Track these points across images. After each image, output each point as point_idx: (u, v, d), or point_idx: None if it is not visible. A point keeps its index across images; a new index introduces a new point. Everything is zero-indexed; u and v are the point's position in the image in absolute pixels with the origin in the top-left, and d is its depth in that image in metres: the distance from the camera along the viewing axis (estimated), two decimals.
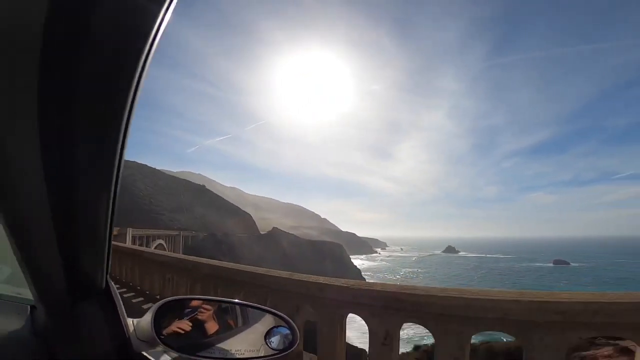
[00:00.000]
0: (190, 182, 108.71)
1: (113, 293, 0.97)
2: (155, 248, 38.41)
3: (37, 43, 0.42)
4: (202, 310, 1.04)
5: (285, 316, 1.10)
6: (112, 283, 0.97)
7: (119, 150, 0.61)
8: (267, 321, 1.11)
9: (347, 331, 3.43)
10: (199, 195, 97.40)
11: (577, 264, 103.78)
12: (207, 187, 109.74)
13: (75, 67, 0.48)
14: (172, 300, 1.04)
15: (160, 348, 0.95)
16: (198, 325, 1.02)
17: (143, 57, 0.49)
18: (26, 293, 0.96)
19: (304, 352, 3.57)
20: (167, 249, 49.29)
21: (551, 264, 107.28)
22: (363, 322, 3.06)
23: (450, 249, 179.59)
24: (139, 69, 0.50)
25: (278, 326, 1.09)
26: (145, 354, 0.98)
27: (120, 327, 0.97)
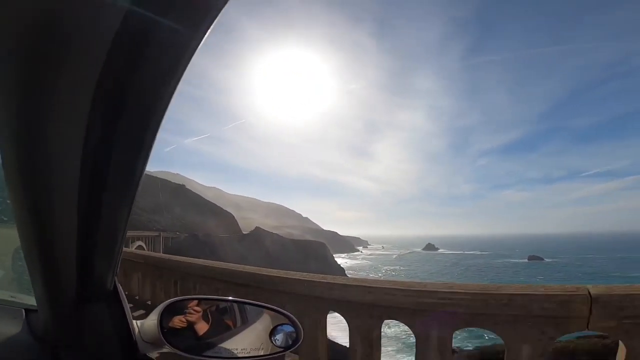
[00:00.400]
0: (169, 181, 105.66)
1: (120, 295, 0.98)
2: (135, 249, 37.10)
3: (101, 53, 0.46)
4: (206, 310, 1.04)
5: (289, 314, 1.11)
6: (119, 285, 0.98)
7: (144, 160, 0.65)
8: (269, 319, 1.11)
9: (335, 330, 3.42)
10: (178, 195, 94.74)
11: (550, 260, 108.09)
12: (187, 187, 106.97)
13: (125, 81, 0.52)
14: (176, 301, 1.05)
15: (166, 349, 0.95)
16: (203, 325, 1.02)
17: (177, 75, 0.53)
18: (19, 297, 0.96)
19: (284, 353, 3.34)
20: (147, 250, 47.72)
21: (526, 260, 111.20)
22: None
23: (430, 247, 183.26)
24: (171, 87, 0.55)
25: (282, 324, 1.09)
26: (151, 355, 0.98)
27: (126, 328, 0.97)
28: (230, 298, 1.20)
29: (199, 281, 4.67)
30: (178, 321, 0.99)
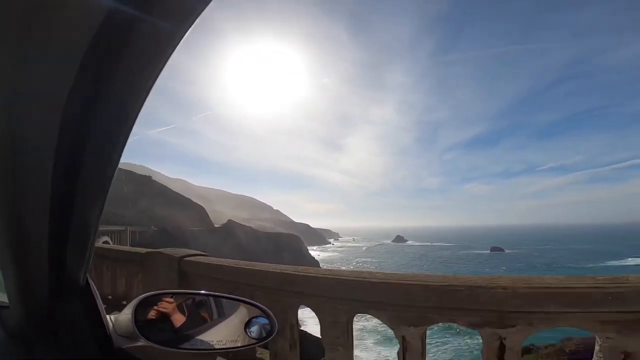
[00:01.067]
0: (134, 172, 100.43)
1: (93, 290, 0.98)
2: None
3: (78, 51, 0.45)
4: (181, 303, 1.06)
5: (263, 307, 1.14)
6: (92, 281, 0.98)
7: (117, 156, 0.65)
8: (245, 312, 1.14)
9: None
10: (144, 187, 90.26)
11: (510, 251, 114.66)
12: (153, 178, 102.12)
13: (103, 78, 0.51)
14: (151, 295, 1.05)
15: (141, 342, 0.95)
16: (178, 318, 1.03)
17: (155, 73, 0.53)
18: None
19: (256, 346, 3.15)
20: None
21: (488, 251, 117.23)
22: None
23: (399, 239, 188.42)
24: (149, 84, 0.54)
25: (257, 316, 1.12)
26: (126, 349, 0.98)
27: (100, 323, 0.97)
28: (205, 292, 1.20)
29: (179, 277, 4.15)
30: (153, 315, 1.00)
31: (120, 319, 0.99)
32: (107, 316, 1.00)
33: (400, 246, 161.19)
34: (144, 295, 1.01)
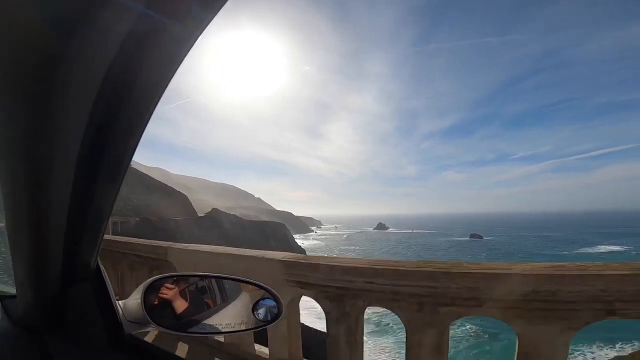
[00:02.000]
0: None
1: (104, 274, 0.98)
2: None
3: (107, 52, 0.48)
4: (187, 287, 1.05)
5: (270, 288, 1.12)
6: (102, 266, 0.98)
7: (132, 149, 0.69)
8: (251, 294, 1.13)
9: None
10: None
11: (489, 238, 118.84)
12: (132, 166, 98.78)
13: (125, 80, 0.55)
14: (159, 279, 1.03)
15: (150, 327, 0.94)
16: (185, 302, 1.02)
17: (172, 71, 0.56)
18: None
19: (254, 343, 3.22)
20: None
21: (468, 238, 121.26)
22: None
23: (381, 226, 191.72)
24: (163, 81, 0.57)
25: (264, 298, 1.11)
26: (136, 334, 0.99)
27: (111, 308, 0.97)
28: (213, 274, 1.16)
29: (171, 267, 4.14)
30: (161, 299, 0.98)
31: (129, 304, 0.98)
32: (117, 302, 1.00)
33: (383, 234, 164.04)
34: (152, 278, 0.99)
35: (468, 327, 26.42)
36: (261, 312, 1.08)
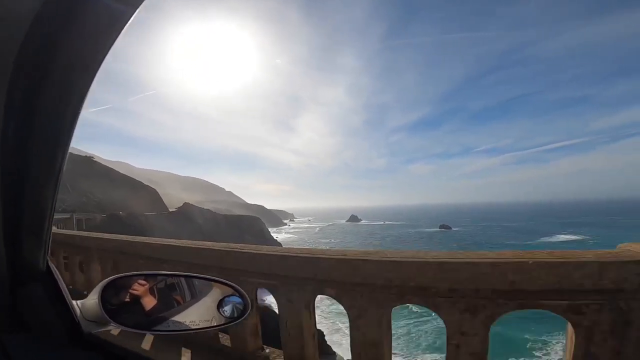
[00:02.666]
0: (71, 153, 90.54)
1: (55, 274, 0.96)
2: None
3: (19, 34, 0.44)
4: (153, 286, 1.04)
5: (236, 285, 1.12)
6: (53, 265, 0.96)
7: (66, 138, 0.65)
8: (217, 291, 1.12)
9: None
10: (85, 169, 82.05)
11: (457, 228, 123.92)
12: (95, 159, 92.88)
13: (46, 61, 0.50)
14: (117, 278, 1.01)
15: (111, 326, 0.93)
16: (150, 300, 1.01)
17: (97, 58, 0.51)
18: None
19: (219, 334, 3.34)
20: None
21: (437, 229, 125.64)
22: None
23: (353, 218, 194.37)
24: (91, 70, 0.53)
25: (229, 295, 1.11)
26: (96, 333, 0.97)
27: (66, 308, 0.94)
28: (176, 272, 1.15)
29: (139, 261, 4.19)
30: (123, 298, 0.98)
31: (87, 303, 0.95)
32: (74, 302, 0.97)
33: (356, 225, 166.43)
34: (110, 278, 0.98)
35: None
36: (227, 308, 1.08)
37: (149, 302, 1.00)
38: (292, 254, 2.61)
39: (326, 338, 22.44)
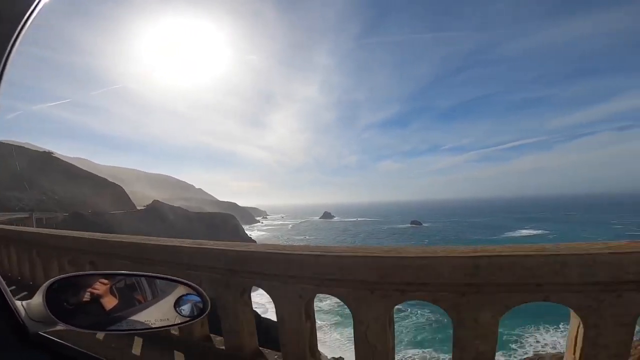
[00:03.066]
0: (28, 149, 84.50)
1: None
2: None
3: None
4: (104, 286, 1.02)
5: (194, 284, 1.12)
6: None
7: None
8: (176, 291, 1.12)
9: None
10: (43, 165, 76.70)
11: (427, 224, 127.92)
12: (55, 155, 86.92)
13: None
14: (64, 278, 0.99)
15: (60, 326, 0.91)
16: (101, 301, 0.99)
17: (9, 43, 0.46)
18: None
19: (210, 335, 3.29)
20: None
21: (409, 225, 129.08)
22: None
23: (327, 215, 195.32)
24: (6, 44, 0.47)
25: (187, 294, 1.11)
26: (43, 334, 0.95)
27: (8, 308, 0.92)
28: (129, 272, 1.13)
29: (95, 258, 4.09)
30: (71, 298, 0.96)
31: (32, 304, 0.93)
32: (19, 302, 0.95)
33: (329, 222, 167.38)
34: (56, 277, 0.95)
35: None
36: (185, 308, 1.09)
37: (109, 302, 0.99)
38: (288, 252, 2.49)
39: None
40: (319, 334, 2.73)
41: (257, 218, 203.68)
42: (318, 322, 2.79)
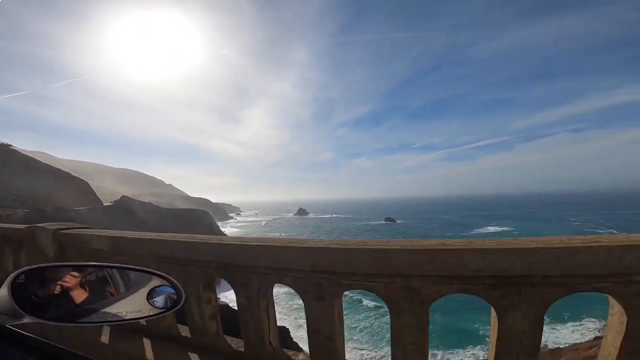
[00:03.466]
0: None
1: None
2: None
3: None
4: (74, 278, 1.01)
5: (167, 276, 1.11)
6: None
7: None
8: (150, 283, 1.10)
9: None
10: (0, 159, 71.75)
11: (400, 221, 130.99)
12: (13, 147, 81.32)
13: None
14: (31, 269, 0.97)
15: (27, 319, 0.90)
16: (71, 293, 0.98)
17: None
18: None
19: (177, 323, 3.19)
20: None
21: (383, 222, 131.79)
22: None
23: (301, 211, 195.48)
24: None
25: (160, 286, 1.10)
26: (10, 326, 0.94)
27: None
28: (100, 263, 1.12)
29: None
30: (51, 290, 0.96)
31: None
32: None
33: (304, 219, 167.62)
34: (20, 270, 0.95)
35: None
36: (158, 299, 1.08)
37: (79, 294, 0.98)
38: (252, 243, 2.47)
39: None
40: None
41: (231, 214, 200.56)
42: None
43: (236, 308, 2.81)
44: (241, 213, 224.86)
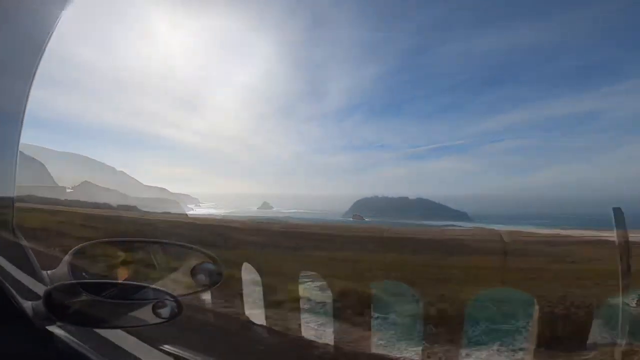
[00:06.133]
0: None
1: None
2: None
3: None
4: (124, 253, 1.02)
5: (209, 252, 1.11)
6: None
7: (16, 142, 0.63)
8: (191, 259, 1.11)
9: None
10: None
11: (368, 219, 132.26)
12: None
13: None
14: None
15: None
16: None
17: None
18: None
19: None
20: None
21: (351, 219, 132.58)
22: None
23: (265, 205, 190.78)
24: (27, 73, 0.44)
25: (203, 262, 1.10)
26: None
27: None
28: (141, 239, 1.14)
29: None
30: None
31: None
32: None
33: (268, 213, 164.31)
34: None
35: None
36: (201, 276, 1.06)
37: (122, 272, 0.98)
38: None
39: None
40: None
41: (190, 206, 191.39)
42: None
43: None
44: (200, 205, 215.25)
